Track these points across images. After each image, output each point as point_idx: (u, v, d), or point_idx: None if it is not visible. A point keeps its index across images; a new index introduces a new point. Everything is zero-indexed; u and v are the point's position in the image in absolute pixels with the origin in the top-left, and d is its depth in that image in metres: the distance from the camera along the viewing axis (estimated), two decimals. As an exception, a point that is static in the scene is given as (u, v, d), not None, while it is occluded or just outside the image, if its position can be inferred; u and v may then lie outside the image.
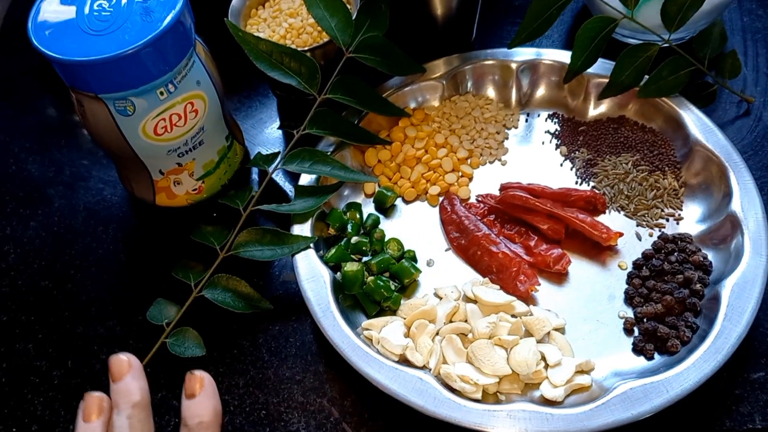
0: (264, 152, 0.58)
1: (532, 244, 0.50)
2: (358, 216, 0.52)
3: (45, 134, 0.62)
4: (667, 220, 0.51)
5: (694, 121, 0.53)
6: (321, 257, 0.49)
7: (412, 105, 0.58)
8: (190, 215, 0.55)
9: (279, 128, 0.58)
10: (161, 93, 0.47)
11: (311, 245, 0.49)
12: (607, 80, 0.55)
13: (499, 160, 0.56)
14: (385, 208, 0.54)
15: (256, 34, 0.55)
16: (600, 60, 0.56)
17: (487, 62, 0.59)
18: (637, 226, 0.51)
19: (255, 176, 0.58)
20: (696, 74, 0.55)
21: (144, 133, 0.48)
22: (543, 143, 0.57)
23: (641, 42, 0.54)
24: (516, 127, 0.58)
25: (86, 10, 0.45)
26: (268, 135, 0.60)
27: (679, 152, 0.53)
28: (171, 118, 0.48)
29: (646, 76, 0.54)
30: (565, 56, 0.57)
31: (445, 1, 0.58)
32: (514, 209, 0.51)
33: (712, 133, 0.52)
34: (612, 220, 0.52)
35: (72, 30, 0.44)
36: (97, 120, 0.47)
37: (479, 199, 0.54)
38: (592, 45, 0.54)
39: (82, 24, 0.45)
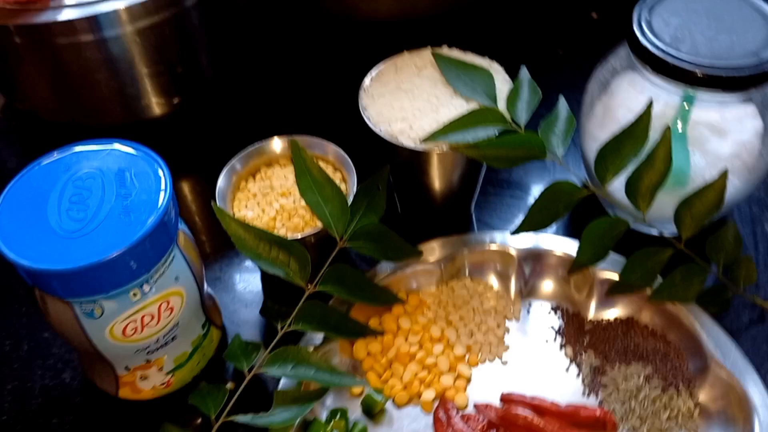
0: (244, 336, 0.53)
1: (536, 470, 0.45)
2: (343, 425, 0.47)
3: (5, 297, 0.57)
4: (683, 446, 0.47)
5: (710, 333, 0.49)
6: (300, 481, 0.44)
7: (407, 289, 0.54)
8: (156, 409, 0.50)
9: (260, 313, 0.53)
10: (134, 294, 0.42)
11: (290, 468, 0.44)
12: (616, 276, 0.52)
13: (500, 358, 0.52)
14: (374, 413, 0.49)
15: (243, 212, 0.52)
16: (612, 255, 0.53)
17: (487, 248, 0.55)
18: (651, 451, 0.47)
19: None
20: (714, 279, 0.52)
21: (111, 335, 0.43)
22: (546, 341, 0.53)
23: (654, 237, 0.51)
24: (518, 319, 0.54)
25: (61, 204, 0.41)
26: (249, 312, 0.56)
27: (694, 365, 0.49)
28: (143, 319, 0.43)
29: (660, 278, 0.51)
30: (571, 246, 0.54)
31: (445, 181, 0.55)
32: (518, 429, 0.47)
33: (729, 350, 0.48)
34: (623, 442, 0.47)
35: (40, 228, 0.40)
36: (61, 318, 0.42)
37: (479, 409, 0.49)
38: (600, 242, 0.51)
39: (53, 221, 0.40)
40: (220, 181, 0.52)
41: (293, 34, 0.82)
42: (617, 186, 0.53)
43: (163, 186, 0.42)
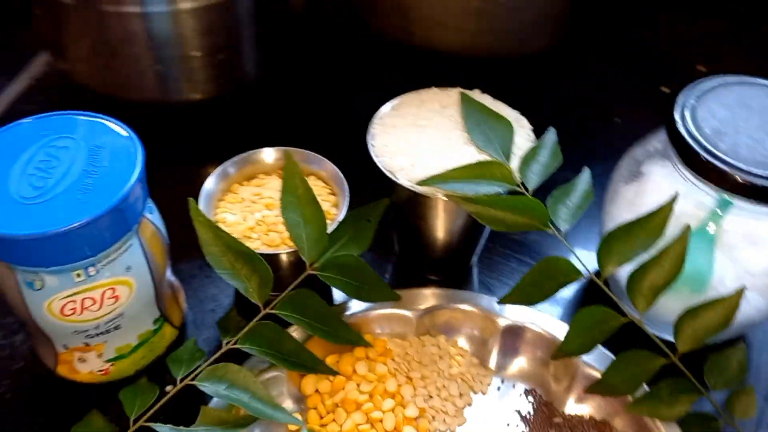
0: (202, 343, 0.52)
1: None
2: (266, 460, 0.44)
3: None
4: None
5: (687, 463, 0.44)
6: None
7: (375, 333, 0.51)
8: (93, 394, 0.48)
9: (217, 324, 0.51)
10: (78, 275, 0.41)
11: (193, 492, 0.41)
12: (598, 375, 0.47)
13: (452, 431, 0.48)
14: (304, 455, 0.46)
15: (223, 215, 0.50)
16: (600, 348, 0.48)
17: (471, 309, 0.51)
18: None
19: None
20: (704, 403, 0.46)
21: (49, 311, 0.41)
22: (508, 425, 0.48)
23: (650, 341, 0.46)
24: (484, 393, 0.50)
25: (26, 168, 0.40)
26: (215, 317, 0.54)
27: (661, 494, 0.44)
28: (83, 301, 0.42)
29: (646, 387, 0.46)
30: (559, 329, 0.50)
31: (444, 225, 0.52)
32: None
33: (704, 488, 0.43)
34: None
35: (-3, 188, 0.39)
36: (4, 281, 0.41)
37: (412, 479, 0.45)
38: (589, 333, 0.47)
39: (13, 184, 0.39)
40: (208, 182, 0.50)
41: (341, 48, 0.80)
42: (623, 275, 0.48)
43: (133, 172, 0.41)
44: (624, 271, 0.47)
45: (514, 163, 0.49)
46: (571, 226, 0.47)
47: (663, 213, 0.45)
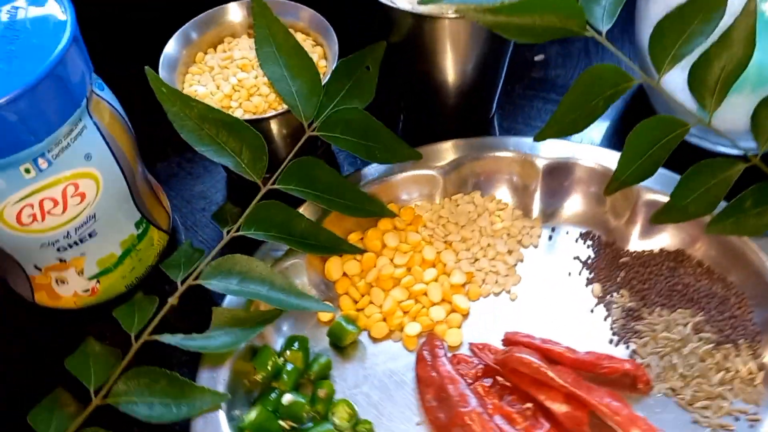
0: (197, 243, 0.44)
1: (539, 434, 0.35)
2: (301, 357, 0.37)
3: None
4: (737, 419, 0.35)
5: (787, 276, 0.37)
6: (235, 423, 0.34)
7: (399, 201, 0.44)
8: (83, 320, 0.41)
9: (212, 217, 0.43)
10: (27, 171, 0.32)
11: (222, 405, 0.34)
12: (665, 198, 0.40)
13: (508, 292, 0.41)
14: (343, 346, 0.39)
15: (193, 88, 0.41)
16: (660, 169, 0.41)
17: (504, 155, 0.44)
18: (693, 422, 0.36)
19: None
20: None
21: (3, 221, 0.33)
22: (570, 274, 0.42)
23: (719, 155, 0.39)
24: (536, 246, 0.43)
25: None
26: (208, 215, 0.46)
27: (761, 316, 0.38)
28: (42, 204, 0.34)
29: (723, 203, 0.39)
30: (610, 158, 0.43)
31: (458, 64, 0.43)
32: (520, 377, 0.36)
33: (812, 300, 0.36)
34: (657, 407, 0.36)
35: None
36: (-64, 197, 0.33)
37: (474, 350, 0.39)
38: (648, 152, 0.39)
39: None
40: (167, 49, 0.41)
41: None
42: (678, 80, 0.40)
43: (63, 30, 0.32)
44: (670, 80, 0.40)
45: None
46: (611, 23, 0.39)
47: (724, -15, 0.37)
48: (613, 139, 0.48)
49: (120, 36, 0.51)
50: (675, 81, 0.40)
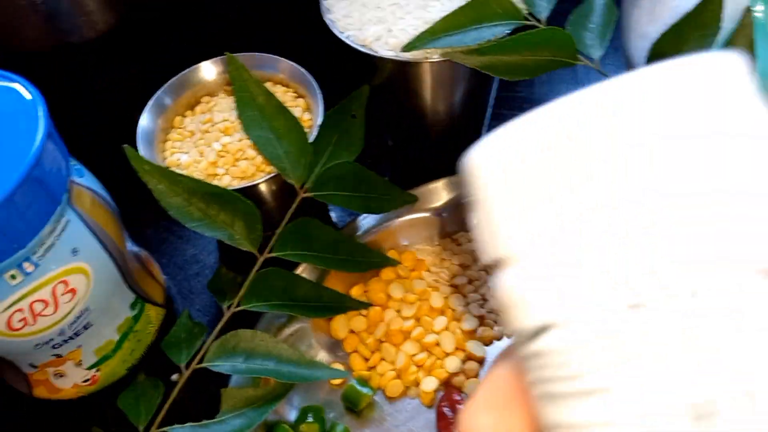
0: (195, 311, 0.43)
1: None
2: (317, 429, 0.36)
3: None
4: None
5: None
6: None
7: (398, 247, 0.42)
8: (85, 409, 0.39)
9: (208, 287, 0.42)
10: (12, 277, 0.31)
11: (242, 494, 0.33)
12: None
13: (521, 331, 0.40)
14: (359, 410, 0.38)
15: (175, 156, 0.39)
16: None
17: (502, 188, 0.43)
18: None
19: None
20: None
21: (-9, 330, 0.32)
22: (581, 306, 0.41)
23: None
24: (543, 279, 0.42)
25: None
26: (203, 280, 0.44)
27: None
28: (32, 307, 0.32)
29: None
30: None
31: (445, 103, 0.42)
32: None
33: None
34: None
35: None
36: None
37: (493, 400, 0.38)
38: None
39: None
40: (142, 122, 0.39)
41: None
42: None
43: (37, 128, 0.30)
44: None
45: (513, -6, 0.39)
46: (604, 50, 0.38)
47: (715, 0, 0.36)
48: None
49: (84, 107, 0.49)
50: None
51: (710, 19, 0.35)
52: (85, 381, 0.38)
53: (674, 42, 0.36)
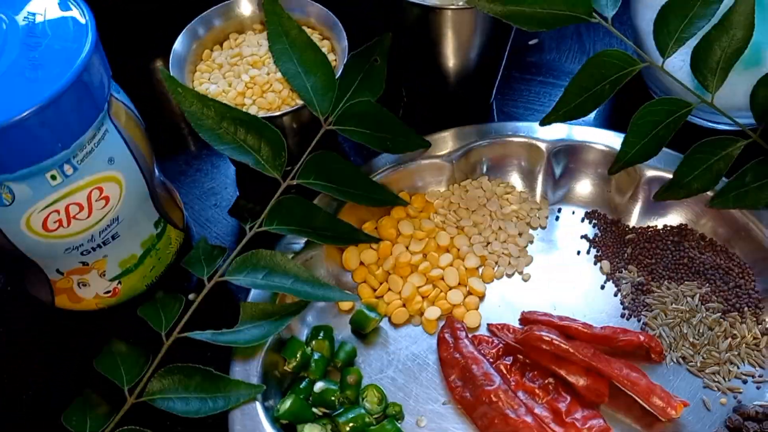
0: (213, 240, 0.44)
1: (562, 407, 0.37)
2: (327, 346, 0.38)
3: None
4: (745, 382, 0.38)
5: (786, 246, 0.39)
6: (270, 412, 0.35)
7: (411, 189, 0.45)
8: (104, 322, 0.41)
9: (229, 213, 0.44)
10: (53, 177, 0.33)
11: (257, 397, 0.35)
12: (667, 176, 0.42)
13: (520, 273, 0.42)
14: (365, 333, 0.40)
15: (204, 86, 0.41)
16: (665, 149, 0.42)
17: (510, 140, 0.45)
18: (705, 387, 0.38)
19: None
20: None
21: (29, 228, 0.34)
22: (578, 252, 0.43)
23: (720, 133, 0.41)
24: (543, 227, 0.44)
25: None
26: (220, 211, 0.46)
27: (763, 285, 0.40)
28: (68, 209, 0.34)
29: (724, 179, 0.41)
30: (613, 139, 0.44)
31: (462, 53, 0.44)
32: (541, 354, 0.38)
33: (811, 267, 0.38)
34: (670, 375, 0.38)
35: None
36: (-38, 206, 0.33)
37: (493, 330, 0.40)
38: (652, 133, 0.41)
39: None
40: (176, 46, 0.41)
41: None
42: (677, 63, 0.42)
43: (85, 34, 0.32)
44: (670, 64, 0.41)
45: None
46: (615, 8, 0.40)
47: (722, -31, 0.38)
48: (608, 119, 0.50)
49: (117, 31, 0.51)
50: (673, 62, 0.42)
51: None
52: (107, 293, 0.40)
53: (680, 6, 0.38)
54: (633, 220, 0.44)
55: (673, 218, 0.43)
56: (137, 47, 0.51)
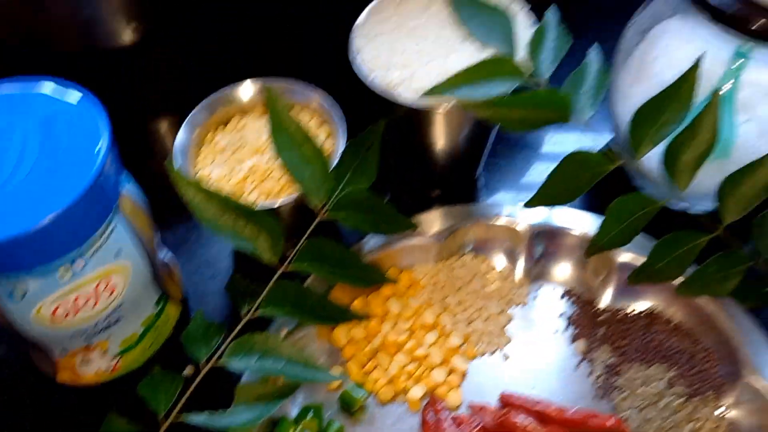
0: (209, 312, 0.46)
1: (537, 488, 0.39)
2: (316, 424, 0.41)
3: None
4: (707, 465, 0.40)
5: (747, 335, 0.42)
6: (263, 492, 0.37)
7: (398, 267, 0.47)
8: (103, 395, 0.43)
9: (226, 289, 0.46)
10: (65, 272, 0.34)
11: (250, 478, 0.37)
12: (641, 259, 0.45)
13: (501, 350, 0.45)
14: (353, 411, 0.42)
15: (208, 170, 0.43)
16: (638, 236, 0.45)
17: (492, 223, 0.48)
18: (670, 469, 0.40)
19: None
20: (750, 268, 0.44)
21: (38, 318, 0.35)
22: (556, 331, 0.46)
23: (685, 217, 0.44)
24: (524, 304, 0.47)
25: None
26: (216, 284, 0.48)
27: (725, 371, 0.43)
28: (76, 301, 0.36)
29: (692, 267, 0.44)
30: (591, 223, 0.47)
31: (450, 138, 0.47)
32: (518, 437, 0.40)
33: (769, 357, 0.41)
34: (638, 457, 0.41)
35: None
36: (-25, 297, 0.35)
37: (473, 410, 0.42)
38: (626, 222, 0.44)
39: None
40: (180, 135, 0.43)
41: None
42: (651, 156, 0.45)
43: (100, 138, 0.34)
44: (644, 157, 0.44)
45: (521, 54, 0.44)
46: (594, 111, 0.43)
47: (690, 78, 0.41)
48: (589, 201, 0.52)
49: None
50: (648, 157, 0.45)
51: (685, 94, 0.41)
52: (107, 369, 0.42)
53: (653, 111, 0.41)
54: (605, 302, 0.47)
55: (644, 302, 0.46)
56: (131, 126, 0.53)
